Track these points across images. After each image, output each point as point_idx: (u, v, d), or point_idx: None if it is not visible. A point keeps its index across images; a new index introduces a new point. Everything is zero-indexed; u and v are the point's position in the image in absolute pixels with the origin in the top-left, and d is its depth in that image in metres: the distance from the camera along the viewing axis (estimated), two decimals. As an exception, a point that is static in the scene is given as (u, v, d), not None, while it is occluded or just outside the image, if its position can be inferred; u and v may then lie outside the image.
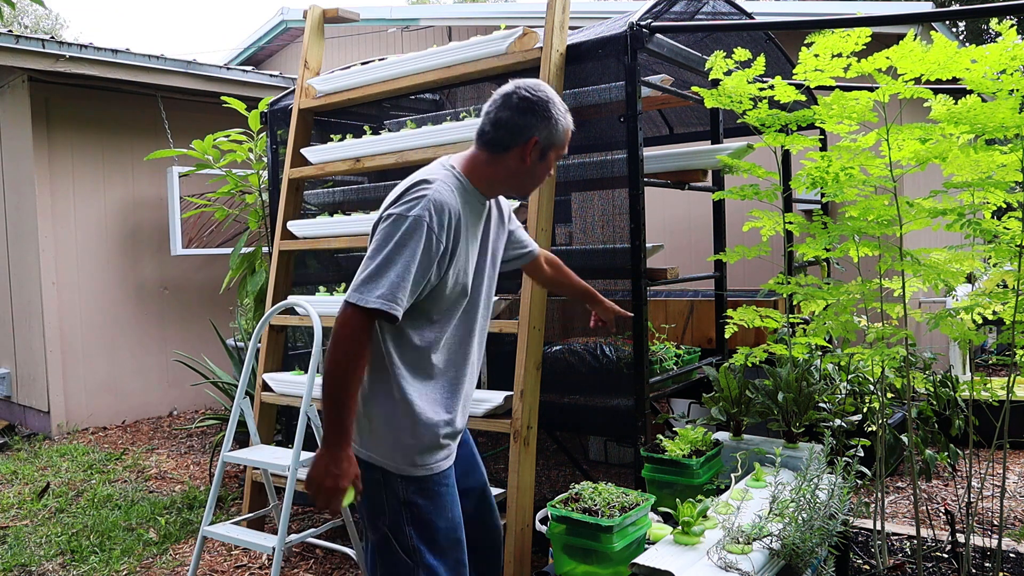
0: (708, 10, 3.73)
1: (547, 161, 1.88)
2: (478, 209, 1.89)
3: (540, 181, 1.92)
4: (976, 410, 2.91)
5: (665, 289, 5.00)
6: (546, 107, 1.81)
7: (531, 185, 1.92)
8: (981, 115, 2.14)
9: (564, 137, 1.88)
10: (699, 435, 2.69)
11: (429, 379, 1.88)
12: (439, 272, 1.78)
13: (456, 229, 1.79)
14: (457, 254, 1.80)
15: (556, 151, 1.88)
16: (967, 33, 16.79)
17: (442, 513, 1.88)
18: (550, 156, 1.87)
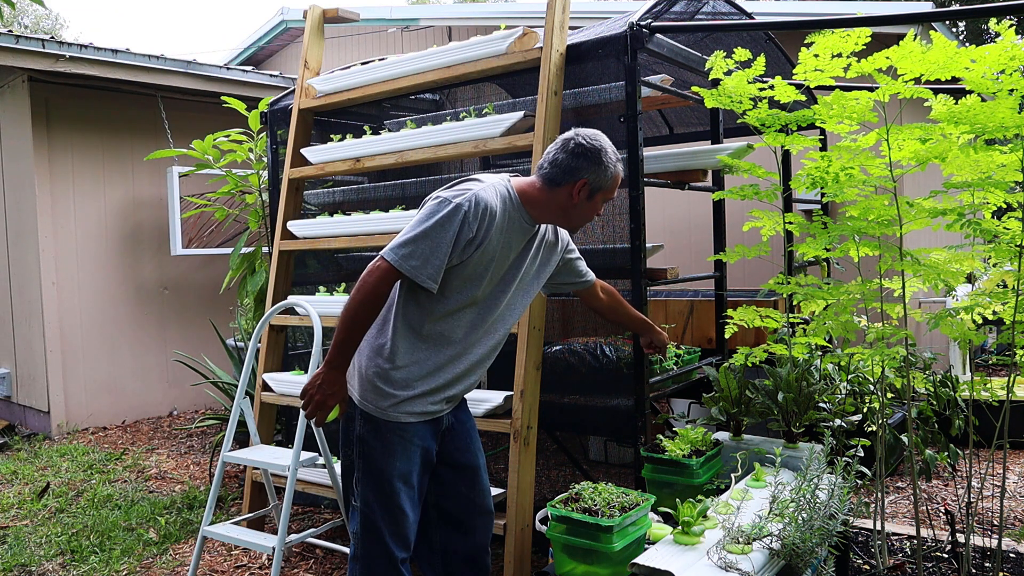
0: (708, 10, 3.73)
1: (594, 202, 2.14)
2: (522, 227, 2.14)
3: (587, 219, 2.18)
4: (976, 410, 2.91)
5: (665, 289, 5.00)
6: (598, 155, 2.09)
7: (578, 221, 2.18)
8: (981, 115, 2.14)
9: (613, 183, 2.14)
10: (699, 435, 2.69)
11: (424, 342, 2.12)
12: (462, 255, 2.02)
13: (489, 227, 2.03)
14: (484, 247, 2.03)
15: (604, 194, 2.14)
16: (967, 33, 16.79)
17: (389, 460, 2.10)
18: (597, 198, 2.13)
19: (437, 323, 2.11)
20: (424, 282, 2.00)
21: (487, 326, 2.18)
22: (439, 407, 2.18)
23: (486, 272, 2.09)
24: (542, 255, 2.27)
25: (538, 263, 2.26)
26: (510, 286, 2.18)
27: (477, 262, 2.06)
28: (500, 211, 2.06)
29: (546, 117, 2.97)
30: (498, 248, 2.09)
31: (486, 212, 2.02)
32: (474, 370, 2.22)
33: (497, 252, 2.09)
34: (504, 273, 2.16)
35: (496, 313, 2.18)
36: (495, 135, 3.14)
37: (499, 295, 2.17)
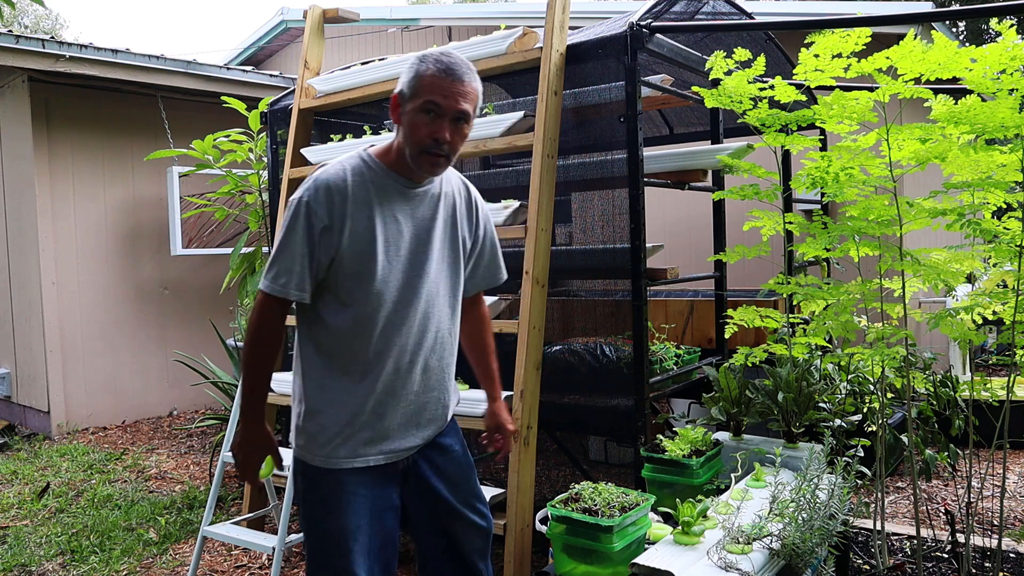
0: (708, 10, 3.73)
1: (413, 111, 1.74)
2: (399, 190, 1.82)
3: (422, 138, 1.74)
4: (976, 410, 2.91)
5: (665, 289, 5.00)
6: (413, 61, 1.77)
7: (413, 144, 1.75)
8: (981, 115, 2.14)
9: (420, 83, 1.74)
10: (699, 435, 2.69)
11: (341, 370, 1.82)
12: (330, 249, 1.75)
13: (342, 205, 1.75)
14: (350, 230, 1.75)
15: (420, 100, 1.73)
16: (967, 33, 16.79)
17: (329, 516, 1.80)
18: (411, 106, 1.75)
19: (349, 341, 1.80)
20: (297, 296, 1.75)
21: (412, 324, 1.84)
22: (378, 457, 1.83)
23: (373, 257, 1.77)
24: (441, 220, 1.90)
25: (438, 231, 1.89)
26: (423, 266, 1.85)
27: (353, 250, 1.76)
28: (352, 183, 1.77)
29: (546, 117, 2.96)
30: (374, 225, 1.78)
31: (330, 191, 1.75)
32: (413, 393, 1.86)
33: (376, 230, 1.78)
34: (407, 252, 1.83)
35: (418, 305, 1.84)
36: (495, 135, 3.14)
37: (413, 281, 1.83)
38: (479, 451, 4.64)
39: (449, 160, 1.80)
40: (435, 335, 1.89)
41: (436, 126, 1.73)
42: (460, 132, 1.78)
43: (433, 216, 1.88)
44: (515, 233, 3.00)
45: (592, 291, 4.07)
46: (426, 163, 1.76)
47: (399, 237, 1.82)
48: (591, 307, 3.87)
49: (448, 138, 1.74)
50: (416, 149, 1.75)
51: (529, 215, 2.94)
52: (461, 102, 1.75)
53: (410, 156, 1.76)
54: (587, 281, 4.07)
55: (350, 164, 1.81)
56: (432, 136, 1.73)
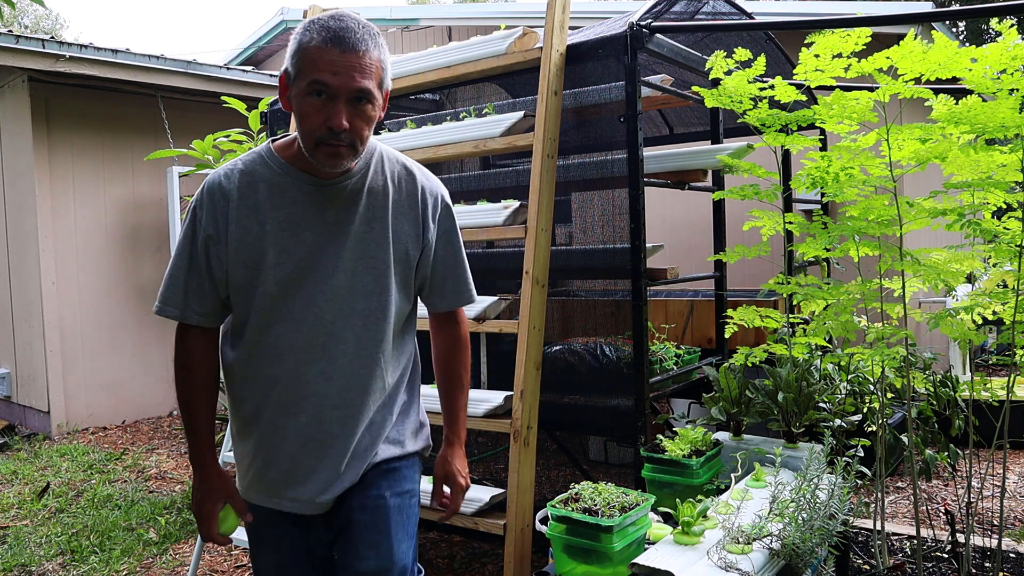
0: (708, 10, 3.73)
1: (300, 92, 1.43)
2: (301, 186, 1.52)
3: (314, 127, 1.42)
4: (976, 410, 2.91)
5: (665, 289, 5.00)
6: (297, 29, 1.46)
7: (306, 135, 1.45)
8: (981, 115, 2.14)
9: (305, 58, 1.41)
10: (699, 435, 2.69)
11: (239, 398, 1.60)
12: (221, 263, 1.50)
13: (224, 210, 1.49)
14: (232, 241, 1.49)
15: (305, 80, 1.41)
16: (967, 33, 16.79)
17: (256, 551, 1.66)
18: (295, 88, 1.43)
19: (241, 366, 1.57)
20: (193, 319, 1.53)
21: (310, 352, 1.53)
22: (280, 502, 1.58)
23: (260, 271, 1.49)
24: (381, 218, 1.57)
25: (377, 235, 1.57)
26: (327, 280, 1.52)
27: (240, 262, 1.49)
28: (240, 183, 1.50)
29: (546, 117, 2.96)
30: (264, 232, 1.49)
31: (213, 195, 1.50)
32: (317, 435, 1.55)
33: (267, 239, 1.49)
34: (308, 263, 1.51)
35: (318, 327, 1.53)
36: (495, 135, 3.14)
37: (313, 299, 1.52)
38: (478, 452, 4.64)
39: (354, 149, 1.46)
40: (346, 365, 1.55)
41: (329, 111, 1.40)
42: (363, 114, 1.43)
43: (349, 217, 1.54)
44: (515, 233, 3.00)
45: (592, 291, 4.07)
46: (324, 156, 1.44)
47: (298, 246, 1.50)
48: (591, 307, 3.87)
49: (346, 124, 1.40)
50: (310, 141, 1.44)
51: (529, 215, 2.94)
52: (358, 79, 1.40)
53: (305, 149, 1.46)
54: (587, 281, 4.07)
55: (244, 161, 1.55)
56: (326, 124, 1.40)
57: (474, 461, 4.53)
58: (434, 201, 1.67)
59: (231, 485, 1.59)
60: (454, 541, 3.52)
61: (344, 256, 1.53)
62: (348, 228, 1.54)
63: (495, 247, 4.05)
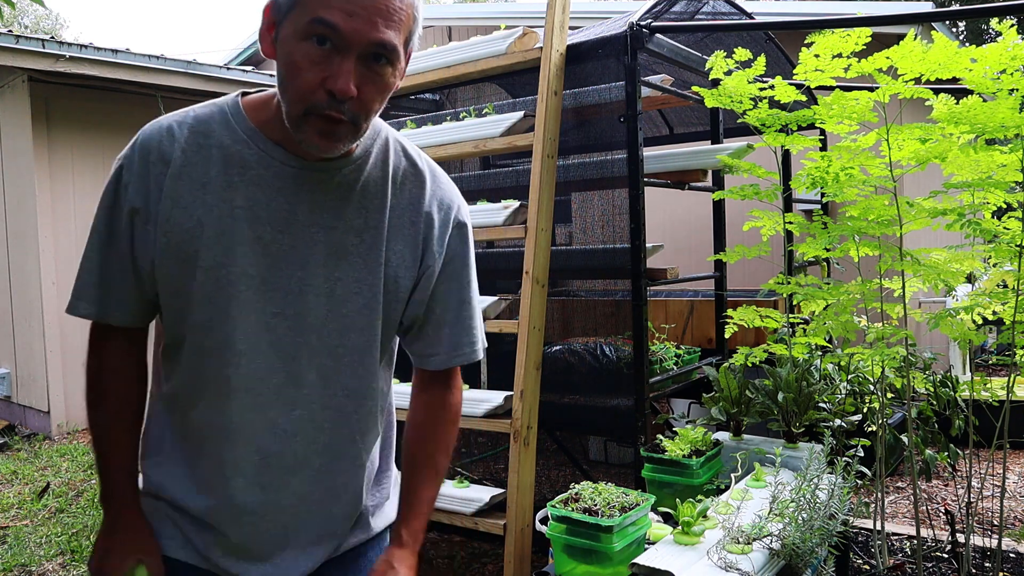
0: (708, 10, 3.73)
1: (293, 39, 0.99)
2: (267, 166, 1.08)
3: (307, 87, 0.98)
4: (976, 410, 2.91)
5: (665, 289, 5.00)
6: None
7: (293, 96, 1.00)
8: (981, 115, 2.14)
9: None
10: (699, 435, 2.69)
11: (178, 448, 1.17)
12: (147, 248, 1.07)
13: (160, 179, 1.05)
14: (162, 223, 1.05)
15: (305, 17, 0.97)
16: (967, 33, 16.80)
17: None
18: (301, 26, 0.98)
19: (177, 401, 1.15)
20: (113, 318, 1.12)
21: (281, 386, 1.11)
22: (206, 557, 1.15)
23: (196, 265, 1.06)
24: (376, 228, 1.14)
25: (372, 250, 1.13)
26: (296, 292, 1.10)
27: (171, 253, 1.06)
28: (187, 143, 1.06)
29: (546, 117, 2.96)
30: (209, 216, 1.05)
31: (148, 153, 1.06)
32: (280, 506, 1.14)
33: (210, 224, 1.05)
34: (277, 276, 1.09)
35: (286, 355, 1.11)
36: (495, 135, 3.14)
37: (277, 326, 1.10)
38: (477, 452, 4.64)
39: (357, 128, 1.03)
40: (308, 418, 1.14)
41: (334, 68, 0.97)
42: (378, 80, 1.01)
43: (333, 220, 1.11)
44: (515, 233, 3.00)
45: (592, 291, 4.08)
46: (313, 133, 1.01)
47: (254, 246, 1.07)
48: (591, 307, 3.87)
49: (354, 90, 0.98)
50: (298, 106, 1.00)
51: (529, 215, 2.94)
52: (381, 26, 0.98)
53: (288, 118, 1.02)
54: (587, 281, 4.07)
55: (198, 113, 1.10)
56: (325, 85, 0.98)
57: (474, 461, 4.53)
58: (443, 216, 1.19)
59: (151, 542, 1.14)
60: (454, 541, 3.52)
61: (318, 271, 1.10)
62: (329, 234, 1.10)
63: (495, 247, 4.05)
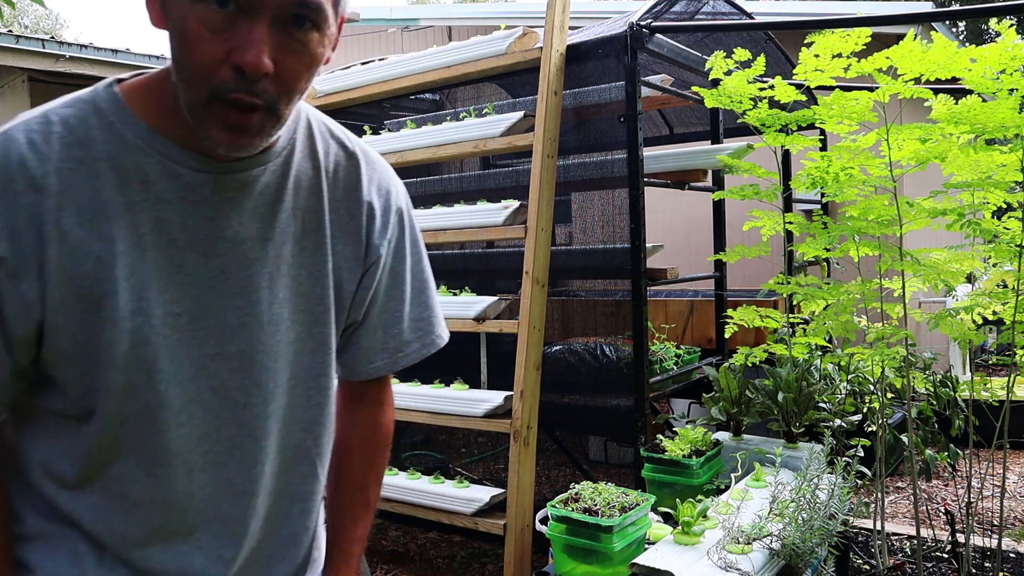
0: (708, 10, 3.73)
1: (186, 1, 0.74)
2: (167, 172, 0.83)
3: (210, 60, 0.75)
4: (976, 410, 2.91)
5: (665, 289, 5.00)
6: None
7: (192, 71, 0.76)
8: (981, 115, 2.14)
9: None
10: (699, 435, 2.69)
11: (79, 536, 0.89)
12: (22, 309, 0.79)
13: (37, 215, 0.78)
14: (52, 272, 0.79)
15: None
16: (967, 33, 16.80)
17: None
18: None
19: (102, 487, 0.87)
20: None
21: (235, 440, 0.90)
22: None
23: (104, 315, 0.81)
24: (316, 230, 0.94)
25: (312, 258, 0.94)
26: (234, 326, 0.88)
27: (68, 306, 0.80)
28: (61, 160, 0.80)
29: (546, 117, 2.96)
30: (112, 252, 0.81)
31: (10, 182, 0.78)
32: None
33: (115, 262, 0.81)
34: (189, 301, 0.86)
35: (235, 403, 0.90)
36: (495, 135, 3.14)
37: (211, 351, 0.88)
38: (477, 452, 4.64)
39: (276, 116, 0.80)
40: (268, 473, 0.94)
41: (240, 37, 0.74)
42: (302, 50, 0.78)
43: (265, 231, 0.89)
44: (515, 233, 3.00)
45: (592, 291, 4.08)
46: (219, 125, 0.78)
47: (175, 279, 0.84)
48: (591, 307, 3.88)
49: (268, 64, 0.75)
50: (198, 92, 0.77)
51: (529, 215, 2.94)
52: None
53: (187, 106, 0.79)
54: (587, 281, 4.08)
55: (64, 118, 0.81)
56: (231, 60, 0.75)
57: (474, 461, 4.53)
58: (384, 203, 1.00)
59: None
60: (454, 541, 3.52)
61: (258, 295, 0.89)
62: (264, 248, 0.89)
63: (495, 247, 4.05)
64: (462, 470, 4.13)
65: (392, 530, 3.67)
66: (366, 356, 1.04)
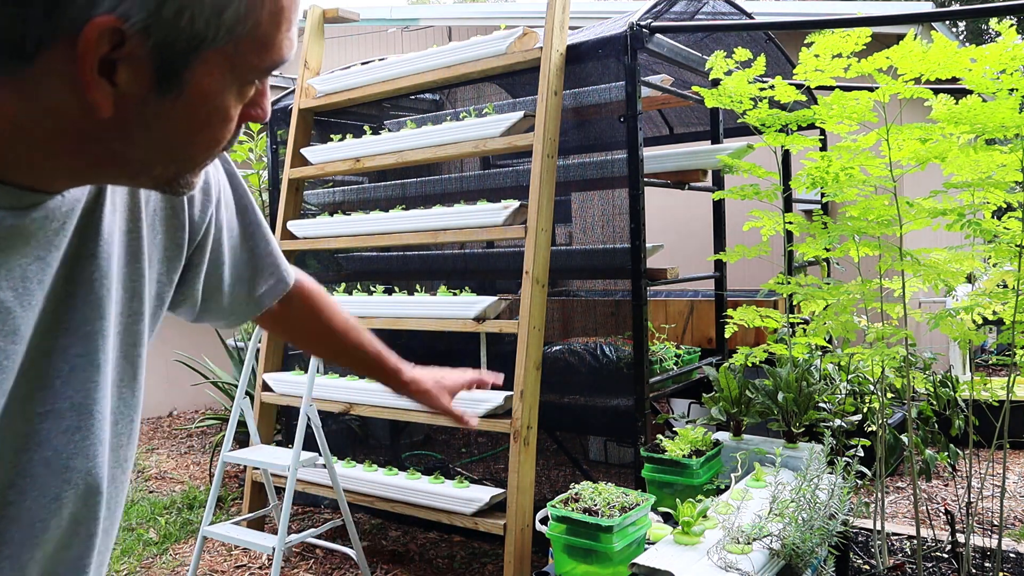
0: (708, 10, 3.73)
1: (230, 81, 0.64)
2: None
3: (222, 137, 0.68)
4: (976, 410, 2.92)
5: (665, 289, 5.00)
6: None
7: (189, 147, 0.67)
8: (981, 115, 2.14)
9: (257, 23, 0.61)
10: (699, 435, 2.69)
11: None
12: None
13: None
14: None
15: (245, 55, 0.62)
16: (967, 33, 16.80)
17: None
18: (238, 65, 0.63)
19: None
20: None
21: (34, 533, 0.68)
22: None
23: None
24: (133, 256, 0.77)
25: (136, 311, 0.78)
26: (61, 392, 0.68)
27: None
28: None
29: (546, 117, 2.96)
30: None
31: None
32: None
33: None
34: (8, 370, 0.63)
35: (44, 487, 0.67)
36: (495, 135, 3.14)
37: (28, 435, 0.67)
38: (477, 452, 4.64)
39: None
40: (94, 531, 0.75)
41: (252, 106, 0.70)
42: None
43: (72, 272, 0.69)
44: (515, 233, 3.00)
45: (592, 291, 4.08)
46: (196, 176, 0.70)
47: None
48: (591, 307, 3.88)
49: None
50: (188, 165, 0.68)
51: (529, 215, 2.94)
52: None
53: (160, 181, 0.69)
54: (587, 281, 4.08)
55: None
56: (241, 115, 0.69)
57: (474, 461, 4.53)
58: (204, 200, 0.86)
59: None
60: (454, 541, 3.52)
61: (53, 388, 0.69)
62: (74, 289, 0.70)
63: (495, 247, 4.05)
64: (462, 470, 4.14)
65: (392, 530, 3.68)
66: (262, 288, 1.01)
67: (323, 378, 3.54)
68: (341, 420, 4.24)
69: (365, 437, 4.53)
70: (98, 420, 0.72)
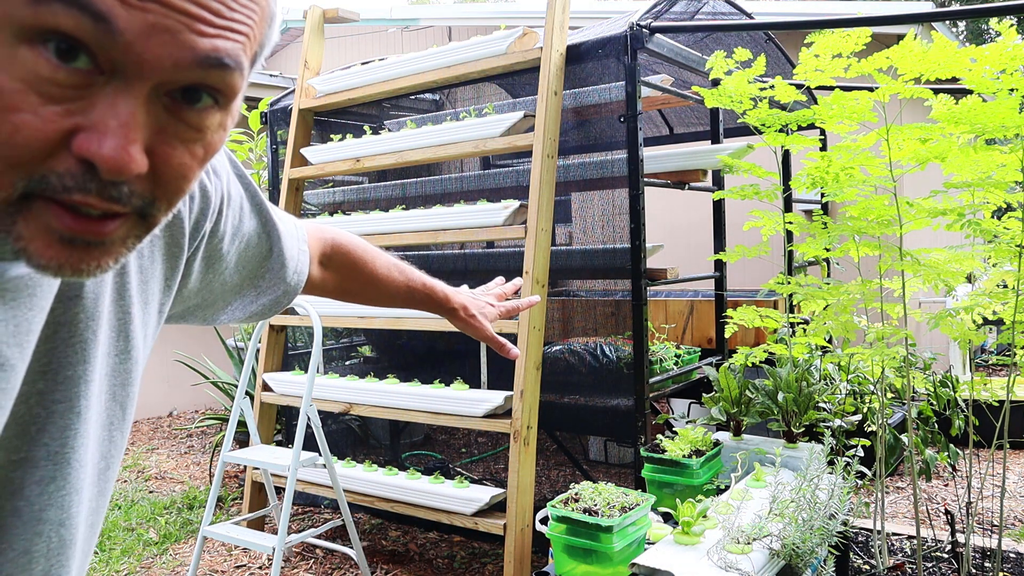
0: (708, 10, 3.73)
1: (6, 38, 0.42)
2: None
3: (29, 125, 0.44)
4: (976, 410, 2.92)
5: (665, 289, 5.00)
6: None
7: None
8: (981, 115, 2.14)
9: None
10: (699, 435, 2.69)
11: None
12: None
13: None
14: None
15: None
16: (967, 33, 16.80)
17: None
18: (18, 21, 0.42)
19: None
20: None
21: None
22: None
23: None
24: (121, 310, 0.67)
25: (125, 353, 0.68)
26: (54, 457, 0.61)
27: None
28: None
29: (546, 117, 2.96)
30: None
31: None
32: None
33: None
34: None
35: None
36: (495, 135, 3.14)
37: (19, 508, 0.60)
38: (478, 452, 4.64)
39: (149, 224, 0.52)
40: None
41: (96, 108, 0.45)
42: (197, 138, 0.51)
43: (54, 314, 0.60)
44: (515, 233, 3.00)
45: (592, 291, 4.08)
46: (38, 234, 0.47)
47: None
48: (591, 307, 3.87)
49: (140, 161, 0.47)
50: (3, 179, 0.45)
51: (529, 215, 2.94)
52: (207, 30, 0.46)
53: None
54: (587, 281, 4.08)
55: None
56: (74, 142, 0.45)
57: (474, 461, 4.53)
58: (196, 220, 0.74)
59: None
60: (454, 541, 3.52)
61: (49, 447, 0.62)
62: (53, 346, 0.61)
63: (495, 247, 4.05)
64: (462, 470, 4.14)
65: (392, 530, 3.68)
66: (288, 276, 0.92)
67: (323, 378, 3.54)
68: (341, 420, 4.24)
69: (365, 437, 4.53)
70: (75, 469, 0.65)
